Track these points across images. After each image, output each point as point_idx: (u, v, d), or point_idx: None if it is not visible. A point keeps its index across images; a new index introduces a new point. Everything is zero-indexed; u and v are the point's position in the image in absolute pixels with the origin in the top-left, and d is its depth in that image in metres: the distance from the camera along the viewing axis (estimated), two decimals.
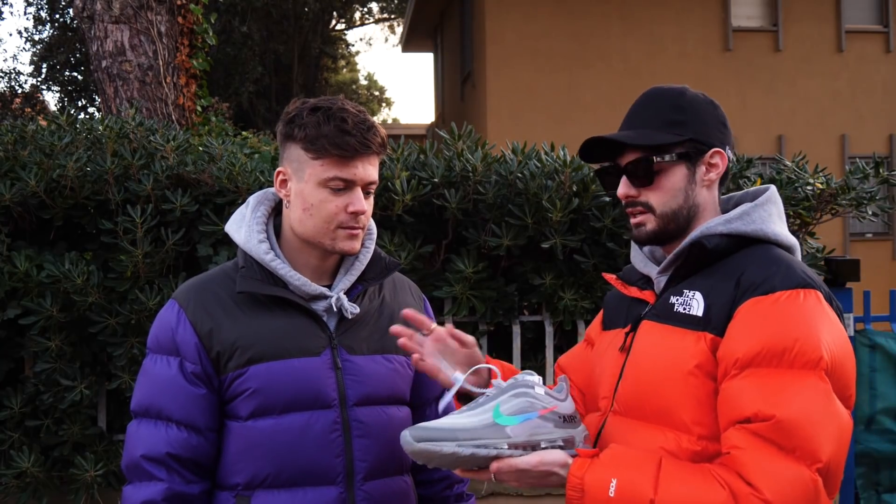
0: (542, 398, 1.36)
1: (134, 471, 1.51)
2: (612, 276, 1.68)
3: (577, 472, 1.32)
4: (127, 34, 5.45)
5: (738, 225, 1.46)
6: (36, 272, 3.07)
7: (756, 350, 1.30)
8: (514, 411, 1.32)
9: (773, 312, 1.32)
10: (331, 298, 1.56)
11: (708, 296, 1.40)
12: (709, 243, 1.44)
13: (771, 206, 1.50)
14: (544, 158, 3.44)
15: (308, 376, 1.51)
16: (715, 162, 1.50)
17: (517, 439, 1.31)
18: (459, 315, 3.41)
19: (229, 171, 3.23)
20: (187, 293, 1.57)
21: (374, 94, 32.55)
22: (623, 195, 1.52)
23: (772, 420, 1.24)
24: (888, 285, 6.43)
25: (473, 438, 1.28)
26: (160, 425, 1.51)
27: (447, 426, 1.29)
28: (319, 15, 22.08)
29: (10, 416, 3.15)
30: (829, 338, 1.31)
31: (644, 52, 12.77)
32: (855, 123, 13.36)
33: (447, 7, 16.65)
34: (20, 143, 3.37)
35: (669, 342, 1.42)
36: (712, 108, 1.53)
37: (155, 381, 1.53)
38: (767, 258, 1.41)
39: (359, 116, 1.51)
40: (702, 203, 1.50)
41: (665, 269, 1.52)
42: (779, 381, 1.27)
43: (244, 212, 1.63)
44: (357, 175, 1.51)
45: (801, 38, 13.48)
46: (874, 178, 3.67)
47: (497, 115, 12.49)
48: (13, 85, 18.18)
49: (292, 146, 1.53)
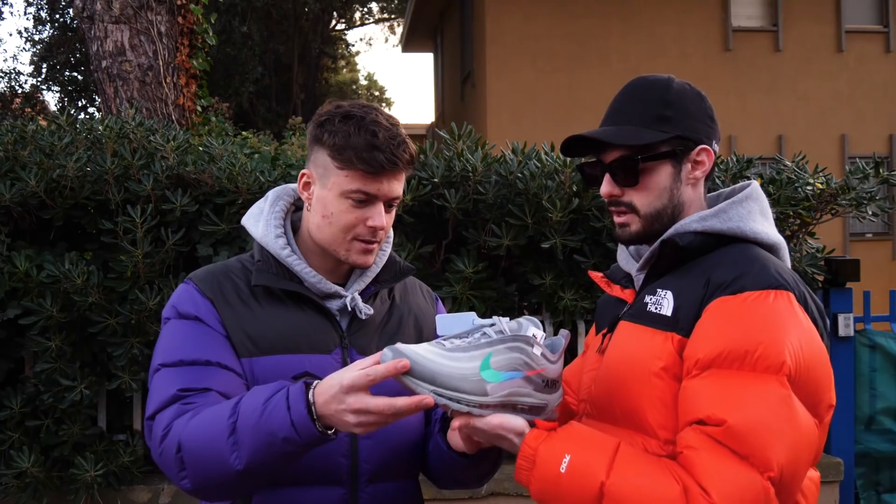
0: (535, 359, 1.31)
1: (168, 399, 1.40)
2: (598, 274, 1.63)
3: (532, 442, 1.28)
4: (127, 34, 5.45)
5: (714, 223, 1.41)
6: (36, 272, 3.07)
7: (718, 351, 1.26)
8: (502, 366, 1.28)
9: (739, 313, 1.28)
10: (345, 298, 1.56)
11: (678, 295, 1.36)
12: (681, 241, 1.39)
13: (751, 202, 1.45)
14: (544, 158, 3.44)
15: (317, 373, 1.48)
16: (701, 159, 1.44)
17: (493, 399, 1.27)
18: None
19: (229, 172, 3.23)
20: (205, 276, 1.55)
21: (374, 94, 32.55)
22: (606, 194, 1.47)
23: (724, 425, 1.21)
24: (888, 285, 6.44)
25: (452, 389, 1.24)
26: (197, 368, 1.44)
27: (429, 364, 1.24)
28: (319, 15, 22.08)
29: (10, 416, 3.15)
30: (795, 342, 1.26)
31: (644, 52, 12.77)
32: (855, 123, 13.36)
33: (447, 7, 16.65)
34: (20, 143, 3.37)
35: (640, 343, 1.38)
36: (699, 101, 1.46)
37: (186, 335, 1.48)
38: (741, 257, 1.36)
39: (391, 131, 1.47)
40: (686, 201, 1.45)
41: (642, 267, 1.48)
42: (737, 384, 1.24)
43: (262, 206, 1.62)
44: (381, 191, 1.48)
45: (801, 39, 13.47)
46: (874, 178, 3.67)
47: (497, 115, 12.49)
48: (13, 85, 18.20)
49: (320, 151, 1.51)
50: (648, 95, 1.45)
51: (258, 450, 1.29)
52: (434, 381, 1.24)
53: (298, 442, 1.28)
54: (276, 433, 1.27)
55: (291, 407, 1.27)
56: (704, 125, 1.45)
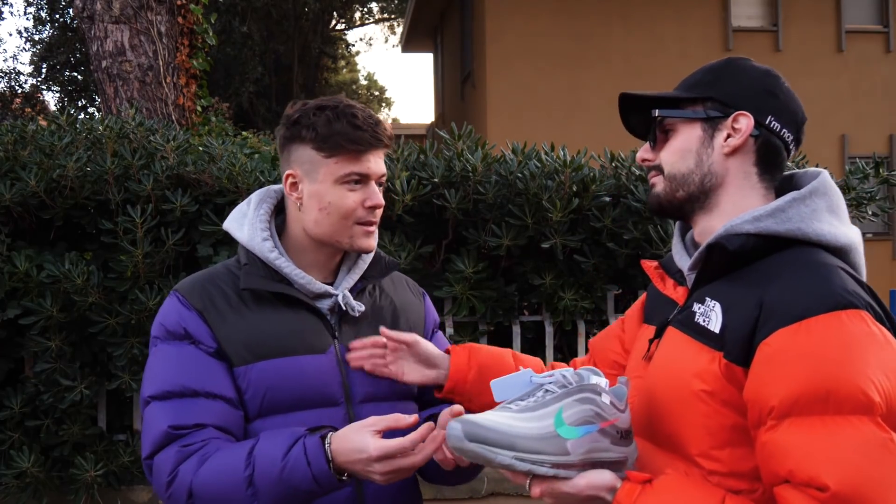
0: (606, 408, 1.21)
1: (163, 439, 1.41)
2: (653, 263, 1.46)
3: (625, 499, 1.15)
4: (127, 34, 5.45)
5: (770, 224, 1.24)
6: (36, 272, 3.07)
7: (794, 397, 1.10)
8: (576, 421, 1.18)
9: (807, 347, 1.11)
10: (336, 296, 1.56)
11: (727, 311, 1.21)
12: (730, 245, 1.24)
13: (816, 199, 1.27)
14: (544, 158, 3.44)
15: (316, 374, 1.50)
16: (739, 126, 1.31)
17: (575, 457, 1.17)
18: (459, 315, 3.41)
19: (229, 172, 3.23)
20: (191, 286, 1.54)
21: (374, 94, 32.56)
22: (640, 159, 1.41)
23: (828, 492, 1.06)
24: (888, 285, 6.43)
25: (533, 451, 1.15)
26: (186, 401, 1.43)
27: (505, 429, 1.15)
28: (319, 15, 22.08)
29: (10, 416, 3.15)
30: (880, 372, 1.09)
31: (644, 51, 12.77)
32: (855, 123, 13.37)
33: (447, 7, 16.65)
34: (20, 143, 3.37)
35: (685, 356, 1.26)
36: (757, 74, 1.35)
37: (172, 361, 1.46)
38: (801, 269, 1.19)
39: (366, 111, 1.54)
40: (720, 172, 1.32)
41: (693, 266, 1.34)
42: (827, 434, 1.08)
43: (245, 209, 1.62)
44: (371, 169, 1.52)
45: (801, 38, 13.48)
46: (874, 178, 3.67)
47: (497, 115, 12.49)
48: (13, 85, 18.20)
49: (301, 147, 1.53)
50: (704, 68, 1.40)
51: (280, 499, 1.36)
52: (514, 446, 1.15)
53: (319, 492, 1.37)
54: (299, 486, 1.34)
55: (311, 462, 1.34)
56: (754, 95, 1.33)
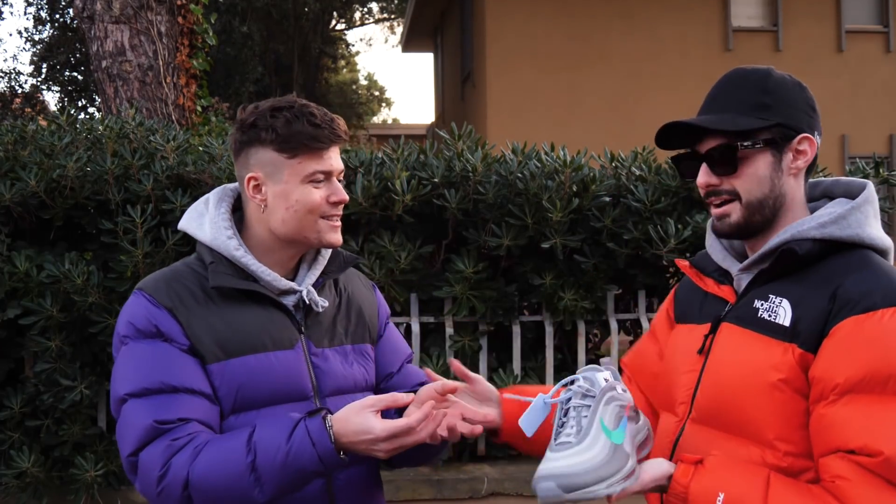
0: (623, 397, 1.29)
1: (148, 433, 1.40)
2: (685, 262, 1.56)
3: (682, 479, 1.27)
4: (127, 34, 5.45)
5: (833, 230, 1.35)
6: (36, 272, 3.07)
7: (859, 376, 1.23)
8: (615, 422, 1.26)
9: (876, 334, 1.24)
10: (301, 293, 1.59)
11: (797, 305, 1.31)
12: (800, 249, 1.33)
13: (868, 206, 1.39)
14: (544, 159, 3.44)
15: (285, 369, 1.53)
16: (803, 149, 1.39)
17: (632, 453, 1.26)
18: (459, 315, 3.41)
19: (229, 171, 3.23)
20: (156, 285, 1.53)
21: (374, 94, 32.55)
22: (704, 184, 1.41)
23: (880, 457, 1.19)
24: None
25: (614, 472, 1.22)
26: (166, 397, 1.42)
27: (586, 467, 1.21)
28: (319, 15, 22.08)
29: (10, 416, 3.16)
30: None
31: (645, 51, 12.77)
32: (855, 123, 13.36)
33: (447, 7, 16.65)
34: (20, 143, 3.38)
35: (753, 350, 1.34)
36: (800, 91, 1.42)
37: (147, 359, 1.45)
38: (866, 268, 1.31)
39: (321, 109, 1.57)
40: (788, 193, 1.40)
41: (748, 267, 1.42)
42: (884, 411, 1.21)
43: (202, 209, 1.62)
44: (332, 165, 1.55)
45: (801, 38, 13.47)
46: (874, 178, 3.67)
47: (497, 116, 12.48)
48: (13, 85, 18.18)
49: (260, 150, 1.54)
50: (747, 84, 1.42)
51: (284, 483, 1.39)
52: (601, 478, 1.21)
53: (324, 473, 1.41)
54: (305, 468, 1.38)
55: (316, 443, 1.38)
56: (805, 114, 1.41)
